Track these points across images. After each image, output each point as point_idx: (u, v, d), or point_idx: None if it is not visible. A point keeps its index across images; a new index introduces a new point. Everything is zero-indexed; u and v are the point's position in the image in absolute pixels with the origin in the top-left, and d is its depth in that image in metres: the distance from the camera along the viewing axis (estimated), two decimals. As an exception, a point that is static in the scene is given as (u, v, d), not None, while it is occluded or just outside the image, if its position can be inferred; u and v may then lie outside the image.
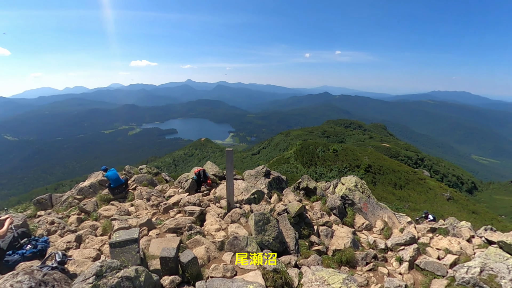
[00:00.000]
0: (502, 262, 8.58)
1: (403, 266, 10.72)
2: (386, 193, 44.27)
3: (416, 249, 11.09)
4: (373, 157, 63.11)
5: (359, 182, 15.64)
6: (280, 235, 9.28)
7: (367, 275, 10.56)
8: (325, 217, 13.49)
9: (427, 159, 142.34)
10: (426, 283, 9.85)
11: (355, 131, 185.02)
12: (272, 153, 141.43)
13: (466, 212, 40.16)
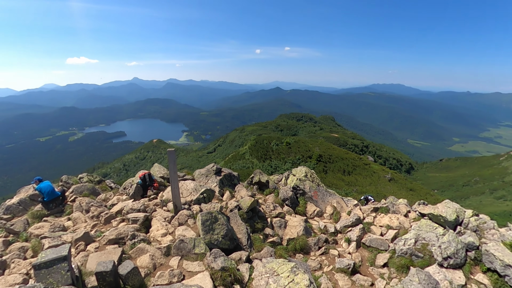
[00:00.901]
0: (432, 232, 9.56)
1: (352, 246, 11.37)
2: (336, 179, 47.34)
3: (361, 229, 11.84)
4: (324, 147, 66.85)
5: (309, 172, 16.17)
6: (230, 232, 9.05)
7: (320, 259, 11.01)
8: (278, 208, 13.67)
9: (371, 146, 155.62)
10: (372, 258, 10.60)
11: (307, 123, 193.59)
12: (228, 150, 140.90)
13: (404, 190, 44.99)
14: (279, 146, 64.39)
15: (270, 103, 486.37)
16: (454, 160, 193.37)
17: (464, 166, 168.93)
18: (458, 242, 8.54)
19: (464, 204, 63.50)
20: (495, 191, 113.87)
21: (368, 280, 9.39)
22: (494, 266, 8.14)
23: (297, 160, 54.03)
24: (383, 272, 9.85)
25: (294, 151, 60.63)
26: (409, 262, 9.24)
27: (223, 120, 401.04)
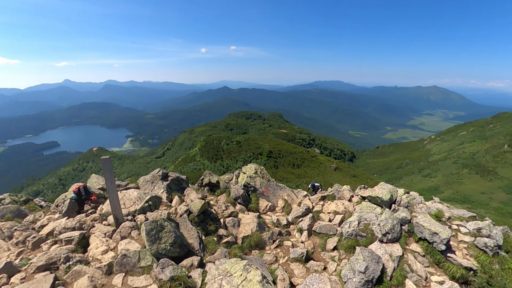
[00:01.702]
0: (372, 212, 10.39)
1: (304, 235, 11.79)
2: (286, 173, 49.20)
3: (311, 217, 12.34)
4: (273, 143, 68.79)
5: (259, 169, 16.30)
6: (179, 239, 8.56)
7: (275, 252, 11.19)
8: (230, 208, 13.50)
9: (317, 139, 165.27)
10: (323, 244, 11.14)
11: (256, 121, 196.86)
12: (178, 153, 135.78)
13: (348, 177, 48.89)
14: (229, 145, 64.23)
15: (218, 103, 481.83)
16: (388, 146, 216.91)
17: (397, 151, 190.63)
18: (393, 219, 9.43)
19: (398, 184, 71.05)
20: (422, 170, 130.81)
21: (321, 265, 9.84)
22: (424, 235, 9.19)
23: (248, 158, 54.56)
24: (333, 255, 10.41)
25: (245, 149, 61.10)
26: (355, 242, 9.91)
27: (171, 122, 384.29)
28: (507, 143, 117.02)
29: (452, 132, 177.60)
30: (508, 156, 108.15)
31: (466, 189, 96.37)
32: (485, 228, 9.80)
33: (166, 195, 13.56)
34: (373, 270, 7.66)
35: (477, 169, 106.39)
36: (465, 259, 8.93)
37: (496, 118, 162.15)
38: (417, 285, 8.25)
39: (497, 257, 9.26)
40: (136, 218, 10.50)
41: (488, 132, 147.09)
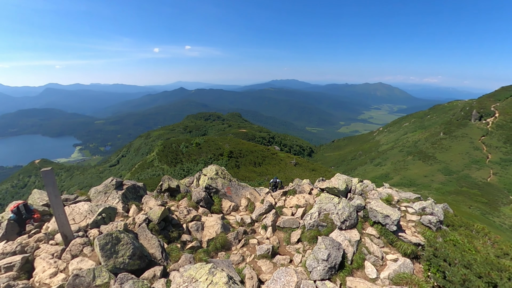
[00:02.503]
0: (330, 202, 10.91)
1: (268, 231, 11.94)
2: (248, 172, 49.47)
3: (274, 213, 12.55)
4: (233, 143, 68.60)
5: (220, 169, 16.10)
6: (138, 250, 8.06)
7: (241, 251, 11.16)
8: (192, 212, 13.13)
9: (277, 137, 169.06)
10: (287, 237, 11.42)
11: (215, 122, 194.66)
12: (134, 159, 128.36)
13: (308, 171, 50.86)
14: (189, 148, 62.38)
15: (175, 105, 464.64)
16: (342, 140, 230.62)
17: (350, 144, 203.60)
18: (350, 207, 10.01)
19: (353, 174, 75.61)
20: (373, 160, 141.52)
21: (287, 258, 10.07)
22: (378, 218, 9.91)
23: (209, 160, 53.62)
24: (298, 247, 10.73)
25: (205, 150, 59.99)
26: (317, 232, 10.32)
27: (124, 127, 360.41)
28: (442, 131, 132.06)
29: (397, 124, 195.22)
30: (444, 143, 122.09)
31: (411, 174, 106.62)
32: (428, 207, 10.91)
33: (122, 205, 12.69)
34: (335, 256, 8.04)
35: (419, 156, 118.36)
36: (414, 236, 9.84)
37: (432, 110, 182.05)
38: (374, 265, 8.86)
39: (440, 231, 10.37)
40: (89, 233, 9.64)
41: (426, 122, 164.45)
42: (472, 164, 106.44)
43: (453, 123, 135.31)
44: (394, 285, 8.33)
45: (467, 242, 9.91)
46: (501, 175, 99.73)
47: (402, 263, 8.64)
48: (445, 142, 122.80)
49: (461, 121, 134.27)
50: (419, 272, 9.25)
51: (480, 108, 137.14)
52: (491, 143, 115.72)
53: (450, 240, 9.51)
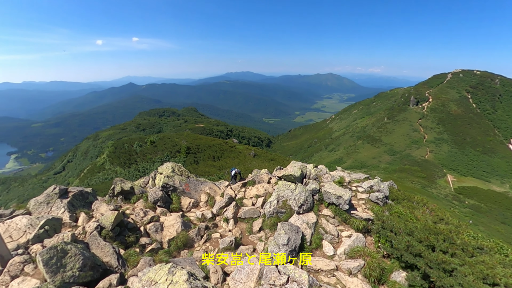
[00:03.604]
0: (288, 189, 11.28)
1: (230, 224, 11.97)
2: (208, 167, 48.80)
3: (235, 205, 12.59)
4: (190, 139, 66.83)
5: (176, 167, 15.57)
6: (89, 260, 7.46)
7: (204, 247, 11.03)
8: (150, 213, 12.55)
9: (234, 129, 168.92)
10: (249, 228, 11.56)
11: (170, 118, 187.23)
12: (83, 164, 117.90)
13: (267, 161, 51.96)
14: (143, 147, 59.03)
15: (125, 102, 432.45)
16: (298, 129, 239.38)
17: (306, 133, 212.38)
18: (306, 191, 10.47)
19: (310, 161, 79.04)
20: (328, 146, 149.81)
21: (250, 248, 10.23)
22: (331, 200, 10.53)
23: (165, 158, 51.40)
24: (260, 235, 10.95)
25: (161, 148, 57.35)
26: (277, 219, 10.63)
27: (68, 129, 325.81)
28: (386, 116, 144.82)
29: (347, 111, 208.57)
30: (388, 127, 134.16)
31: (361, 156, 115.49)
32: (375, 185, 11.90)
33: (69, 214, 11.60)
34: (295, 240, 8.37)
35: (368, 139, 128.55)
36: (365, 213, 10.68)
37: (377, 97, 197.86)
38: (331, 243, 9.44)
39: (386, 205, 11.40)
40: (30, 250, 8.63)
41: (372, 109, 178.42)
42: (412, 144, 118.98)
43: (395, 109, 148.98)
44: (350, 258, 9.00)
45: (409, 212, 11.06)
46: (436, 152, 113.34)
47: (356, 238, 9.35)
48: (389, 126, 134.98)
49: (402, 107, 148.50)
50: (370, 244, 10.11)
51: (416, 94, 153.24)
52: (426, 124, 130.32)
53: (395, 213, 10.53)
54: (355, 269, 8.41)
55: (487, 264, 8.42)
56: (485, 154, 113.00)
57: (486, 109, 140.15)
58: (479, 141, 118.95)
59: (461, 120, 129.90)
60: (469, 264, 8.29)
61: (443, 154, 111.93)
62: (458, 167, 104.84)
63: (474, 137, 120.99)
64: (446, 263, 8.01)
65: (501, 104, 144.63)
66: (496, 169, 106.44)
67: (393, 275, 8.89)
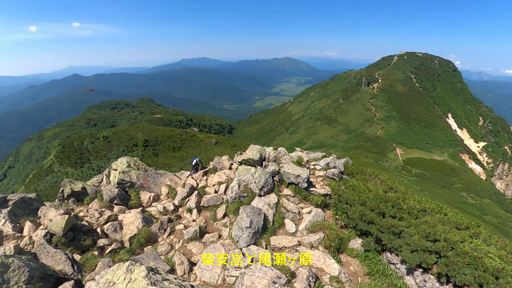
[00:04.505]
0: (248, 173, 11.38)
1: (194, 213, 11.81)
2: (168, 158, 47.16)
3: (197, 194, 12.40)
4: (148, 131, 63.60)
5: (132, 161, 14.75)
6: (37, 271, 6.84)
7: (169, 240, 10.77)
8: (106, 213, 11.85)
9: (194, 118, 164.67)
10: (213, 215, 11.51)
11: (124, 110, 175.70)
12: (27, 168, 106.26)
13: (229, 148, 51.78)
14: (95, 144, 54.59)
15: (70, 95, 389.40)
16: (259, 114, 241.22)
17: (267, 117, 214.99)
18: (265, 173, 10.67)
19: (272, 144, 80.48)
20: (288, 129, 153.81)
21: (216, 235, 10.24)
22: (291, 179, 10.88)
23: (121, 153, 48.26)
24: (225, 221, 11.00)
25: (116, 143, 53.65)
26: (239, 204, 10.73)
27: (4, 131, 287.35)
28: (341, 97, 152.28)
29: (305, 94, 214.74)
30: (343, 107, 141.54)
31: (320, 137, 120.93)
32: (331, 162, 12.53)
33: (11, 225, 10.43)
34: (257, 221, 8.53)
35: (325, 120, 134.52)
36: (323, 189, 11.24)
37: (332, 80, 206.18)
38: (293, 220, 9.83)
39: (342, 180, 12.11)
40: (-38, 270, 7.63)
41: (328, 91, 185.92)
42: (365, 122, 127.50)
43: (349, 90, 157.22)
44: (311, 233, 9.48)
45: (362, 185, 11.89)
46: (386, 128, 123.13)
47: (315, 213, 9.83)
48: (344, 107, 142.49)
49: (355, 88, 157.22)
50: (329, 218, 10.74)
51: (367, 76, 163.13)
52: (377, 104, 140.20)
53: (350, 186, 11.25)
54: (316, 242, 8.90)
55: (429, 223, 9.45)
56: (427, 128, 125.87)
57: (427, 87, 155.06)
58: (422, 116, 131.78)
59: (407, 98, 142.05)
60: (414, 225, 9.22)
61: (392, 130, 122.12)
62: (405, 141, 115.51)
63: (418, 113, 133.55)
64: (394, 227, 8.83)
65: (439, 83, 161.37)
66: (436, 140, 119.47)
67: (351, 243, 9.61)
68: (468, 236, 9.51)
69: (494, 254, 8.35)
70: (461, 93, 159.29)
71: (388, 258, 8.99)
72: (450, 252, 8.04)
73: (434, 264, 8.16)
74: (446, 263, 7.82)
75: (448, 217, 11.52)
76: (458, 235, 9.09)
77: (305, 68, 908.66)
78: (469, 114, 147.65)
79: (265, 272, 5.91)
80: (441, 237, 8.56)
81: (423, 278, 8.35)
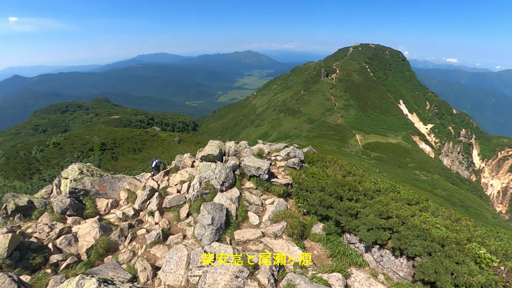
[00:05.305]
0: (209, 169, 11.23)
1: (156, 216, 11.37)
2: (128, 161, 44.72)
3: (158, 196, 11.94)
4: (104, 134, 59.40)
5: (84, 167, 13.74)
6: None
7: (131, 247, 10.24)
8: (57, 226, 10.94)
9: (156, 117, 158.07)
10: (177, 215, 11.20)
11: (77, 113, 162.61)
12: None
13: (193, 146, 50.58)
14: (45, 152, 49.62)
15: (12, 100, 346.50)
16: (223, 109, 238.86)
17: (231, 112, 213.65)
18: (226, 168, 10.60)
19: (238, 139, 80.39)
20: (253, 122, 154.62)
21: (180, 235, 9.96)
22: (252, 172, 10.94)
23: (76, 159, 44.48)
24: (189, 221, 10.74)
25: (69, 149, 49.26)
26: (202, 201, 10.55)
27: None
28: (302, 89, 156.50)
29: (267, 87, 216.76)
30: (305, 98, 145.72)
31: (285, 128, 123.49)
32: (291, 151, 12.81)
33: None
34: (219, 217, 8.47)
35: (289, 112, 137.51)
36: (284, 179, 11.47)
37: (293, 72, 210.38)
38: (256, 212, 9.92)
39: (302, 169, 12.45)
40: None
41: (290, 83, 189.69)
42: (326, 112, 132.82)
43: (309, 81, 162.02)
44: (274, 223, 9.66)
45: (322, 171, 12.35)
46: (345, 117, 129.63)
47: (277, 203, 10.02)
48: (305, 98, 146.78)
49: (315, 79, 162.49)
50: (292, 206, 11.02)
51: (326, 67, 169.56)
52: (336, 93, 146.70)
53: (310, 174, 11.61)
54: (279, 231, 9.10)
55: (383, 202, 10.08)
56: (382, 114, 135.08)
57: (380, 76, 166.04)
58: (377, 103, 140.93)
59: (363, 87, 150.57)
60: (369, 205, 9.79)
61: (351, 118, 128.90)
62: (363, 127, 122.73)
63: (373, 100, 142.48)
64: (351, 209, 9.32)
65: (391, 72, 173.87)
66: (390, 125, 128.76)
67: (313, 228, 9.97)
68: (418, 210, 10.31)
69: (440, 224, 9.13)
70: (410, 80, 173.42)
71: (348, 238, 9.48)
72: (401, 227, 8.64)
73: (388, 239, 8.74)
74: (399, 237, 8.41)
75: (401, 194, 12.42)
76: (409, 210, 9.79)
77: (267, 61, 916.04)
78: (417, 99, 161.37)
79: (227, 268, 5.90)
80: (393, 214, 9.16)
81: (380, 254, 8.93)
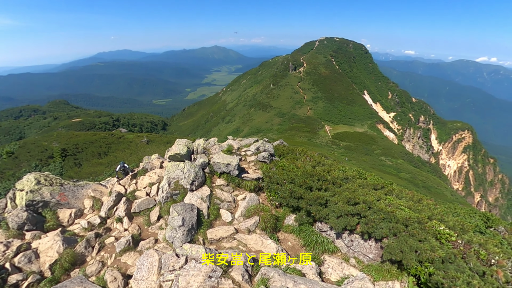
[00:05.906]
0: (177, 169, 10.94)
1: (125, 222, 10.87)
2: (93, 166, 42.18)
3: (126, 201, 11.41)
4: (64, 139, 55.15)
5: (42, 176, 12.71)
6: None
7: (99, 257, 9.72)
8: (14, 243, 10.04)
9: (122, 118, 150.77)
10: (147, 220, 10.75)
11: (32, 118, 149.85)
12: None
13: (163, 146, 49.07)
14: (-2, 163, 45.38)
15: None
16: (193, 106, 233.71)
17: (201, 109, 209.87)
18: (194, 167, 10.40)
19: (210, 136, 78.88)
20: (224, 118, 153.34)
21: (152, 240, 9.63)
22: (222, 169, 10.86)
23: (34, 168, 40.94)
24: (160, 224, 10.41)
25: (25, 158, 45.12)
26: (172, 202, 10.27)
27: None
28: (271, 83, 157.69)
29: (237, 82, 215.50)
30: (274, 92, 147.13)
31: (256, 122, 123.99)
32: (261, 146, 12.88)
33: None
34: (190, 218, 8.30)
35: (259, 106, 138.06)
36: (255, 173, 11.52)
37: (261, 66, 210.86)
38: (229, 209, 9.87)
39: (272, 162, 12.58)
40: None
41: (259, 77, 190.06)
42: (295, 105, 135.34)
43: (278, 75, 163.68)
44: (247, 218, 9.69)
45: (292, 164, 12.58)
46: (314, 109, 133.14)
47: (249, 198, 10.05)
48: (275, 92, 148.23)
49: (283, 73, 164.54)
50: (264, 200, 11.12)
51: (293, 61, 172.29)
52: (304, 86, 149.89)
53: (280, 166, 11.77)
54: (252, 226, 9.14)
55: (350, 189, 10.51)
56: (348, 104, 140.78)
57: (345, 69, 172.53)
58: (344, 95, 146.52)
59: (329, 79, 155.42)
60: (338, 193, 10.15)
61: (319, 110, 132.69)
62: (332, 118, 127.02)
63: (340, 92, 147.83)
64: (320, 198, 9.61)
65: (355, 64, 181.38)
66: (357, 115, 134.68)
67: (286, 220, 10.16)
68: (384, 194, 10.86)
69: (404, 205, 9.70)
70: (373, 72, 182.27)
71: (319, 227, 9.79)
72: (368, 211, 9.06)
73: (357, 224, 9.13)
74: (366, 221, 8.82)
75: (367, 180, 13.01)
76: (375, 195, 10.28)
77: (235, 56, 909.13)
78: (380, 89, 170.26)
79: (199, 269, 5.80)
80: (360, 200, 9.58)
81: (350, 239, 9.32)
